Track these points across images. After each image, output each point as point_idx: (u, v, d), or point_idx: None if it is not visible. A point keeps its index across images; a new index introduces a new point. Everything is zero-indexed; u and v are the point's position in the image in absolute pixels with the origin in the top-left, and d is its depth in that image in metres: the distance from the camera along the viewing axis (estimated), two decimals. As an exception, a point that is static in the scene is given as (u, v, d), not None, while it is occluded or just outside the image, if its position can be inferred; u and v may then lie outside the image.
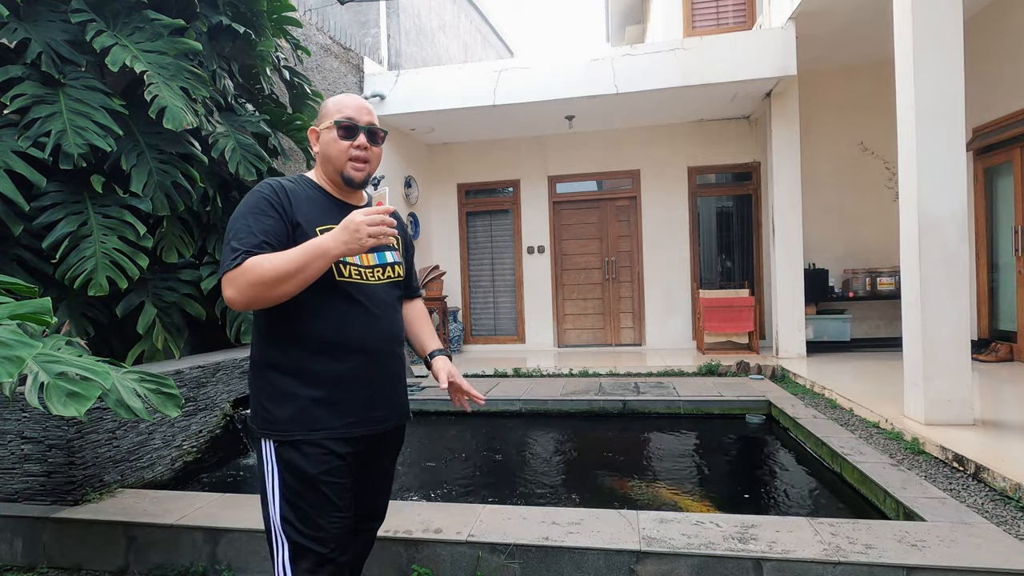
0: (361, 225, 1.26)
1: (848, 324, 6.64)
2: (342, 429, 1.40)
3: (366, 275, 1.47)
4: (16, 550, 2.54)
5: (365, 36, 8.02)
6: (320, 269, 1.28)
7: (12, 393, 2.26)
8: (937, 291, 3.44)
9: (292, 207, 1.40)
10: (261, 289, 1.26)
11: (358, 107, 1.48)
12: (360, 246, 1.27)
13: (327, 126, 1.46)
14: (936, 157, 3.43)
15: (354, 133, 1.46)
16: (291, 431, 1.38)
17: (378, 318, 1.47)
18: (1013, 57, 5.36)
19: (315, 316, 1.40)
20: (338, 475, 1.40)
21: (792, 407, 4.23)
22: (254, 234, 1.32)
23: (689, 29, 7.34)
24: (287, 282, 1.27)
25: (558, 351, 7.84)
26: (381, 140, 1.52)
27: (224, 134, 3.86)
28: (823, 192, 7.01)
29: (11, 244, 3.12)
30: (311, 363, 1.40)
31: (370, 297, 1.46)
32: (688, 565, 2.04)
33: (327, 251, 1.27)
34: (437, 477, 3.54)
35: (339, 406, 1.41)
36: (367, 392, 1.45)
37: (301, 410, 1.38)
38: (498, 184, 8.23)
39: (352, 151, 1.45)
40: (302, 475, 1.37)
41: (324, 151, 1.48)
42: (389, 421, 1.52)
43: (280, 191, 1.41)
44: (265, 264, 1.26)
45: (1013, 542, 2.08)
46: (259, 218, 1.35)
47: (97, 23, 3.36)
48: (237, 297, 1.28)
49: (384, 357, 1.49)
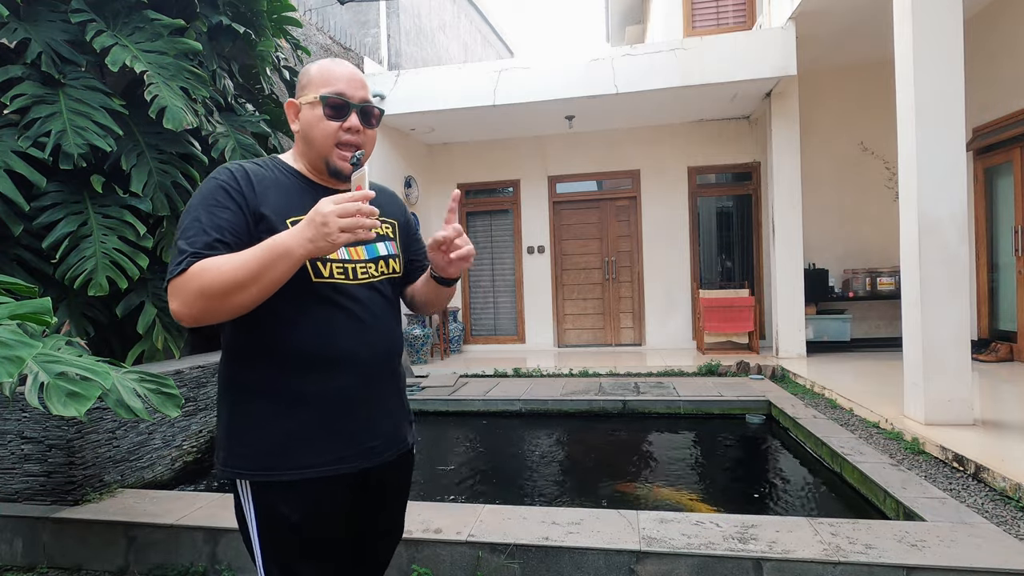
0: (330, 217, 0.98)
1: (848, 324, 6.64)
2: (332, 466, 1.14)
3: (354, 273, 1.20)
4: (16, 550, 2.54)
5: (365, 36, 8.02)
6: (284, 273, 1.03)
7: (12, 393, 2.26)
8: (937, 291, 3.44)
9: (256, 195, 1.13)
10: (211, 301, 1.02)
11: (350, 78, 1.19)
12: (330, 244, 1.00)
13: (311, 100, 1.17)
14: (936, 157, 3.43)
15: (344, 112, 1.17)
16: (268, 469, 1.12)
17: (369, 327, 1.19)
18: (1013, 57, 5.36)
19: (290, 326, 1.13)
20: (328, 520, 1.17)
21: (792, 407, 4.23)
22: (205, 231, 1.06)
23: (689, 29, 7.33)
24: (241, 291, 1.01)
25: (558, 351, 7.84)
26: (376, 121, 1.23)
27: (224, 134, 3.86)
28: (823, 192, 7.01)
29: (11, 244, 3.12)
30: (288, 384, 1.14)
31: (359, 301, 1.19)
32: (688, 565, 2.04)
33: (289, 251, 1.00)
34: (437, 477, 3.54)
35: (327, 437, 1.15)
36: (360, 418, 1.18)
37: (279, 443, 1.12)
38: (498, 184, 8.23)
39: (341, 135, 1.17)
40: (285, 522, 1.12)
41: (306, 132, 1.19)
42: (388, 451, 1.24)
43: (241, 176, 1.14)
44: (213, 270, 1.01)
45: (1013, 542, 2.08)
46: (212, 211, 1.09)
47: (97, 23, 3.36)
48: (183, 310, 1.03)
49: (378, 375, 1.21)
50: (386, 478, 1.28)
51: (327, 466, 1.14)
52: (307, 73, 1.21)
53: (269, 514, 1.13)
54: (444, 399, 5.05)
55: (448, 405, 5.03)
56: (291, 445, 1.13)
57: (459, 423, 4.80)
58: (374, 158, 6.67)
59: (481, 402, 5.00)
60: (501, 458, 3.93)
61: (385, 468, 1.25)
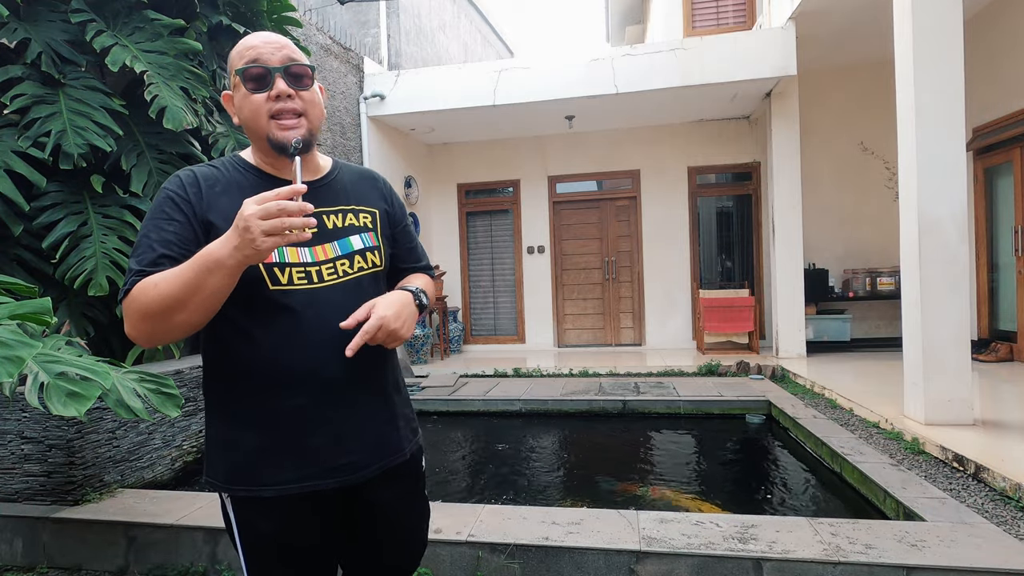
0: (251, 221, 0.88)
1: (848, 324, 6.64)
2: (297, 484, 1.07)
3: (319, 275, 1.09)
4: (16, 550, 2.54)
5: (365, 36, 8.02)
6: (220, 286, 0.93)
7: (12, 393, 2.26)
8: (937, 291, 3.44)
9: (204, 202, 1.05)
10: (155, 322, 0.95)
11: (267, 43, 1.07)
12: (256, 251, 0.89)
13: (235, 82, 1.08)
14: (936, 157, 3.43)
15: (267, 80, 1.05)
16: (237, 486, 1.09)
17: (336, 333, 1.06)
18: (1013, 57, 5.36)
19: (247, 341, 1.06)
20: (307, 537, 1.11)
21: (792, 407, 4.23)
22: (151, 247, 1.00)
23: (689, 29, 7.33)
24: (181, 309, 0.94)
25: (558, 351, 7.84)
26: (310, 80, 1.10)
27: (224, 134, 3.86)
28: (823, 192, 7.01)
29: (11, 244, 3.12)
30: (249, 401, 1.08)
31: (328, 305, 1.08)
32: (688, 565, 2.04)
33: (220, 262, 0.91)
34: (437, 477, 3.54)
35: (291, 456, 1.08)
36: (328, 435, 1.09)
37: (244, 461, 1.08)
38: (498, 184, 8.23)
39: (272, 105, 1.06)
40: (263, 536, 1.10)
41: (241, 117, 1.09)
42: (370, 467, 1.14)
43: (190, 184, 1.07)
44: (151, 290, 0.94)
45: (1013, 542, 2.08)
46: (159, 224, 1.02)
47: (97, 23, 3.36)
48: (133, 332, 0.98)
49: (350, 387, 1.11)
50: (379, 495, 1.18)
51: (293, 484, 1.07)
52: (229, 59, 1.11)
53: (247, 527, 1.11)
54: (444, 399, 5.05)
55: (448, 405, 5.03)
56: (258, 463, 1.08)
57: (459, 423, 4.80)
58: (374, 159, 6.70)
59: (481, 402, 5.00)
60: (501, 458, 3.93)
61: (375, 483, 1.16)
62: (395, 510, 1.23)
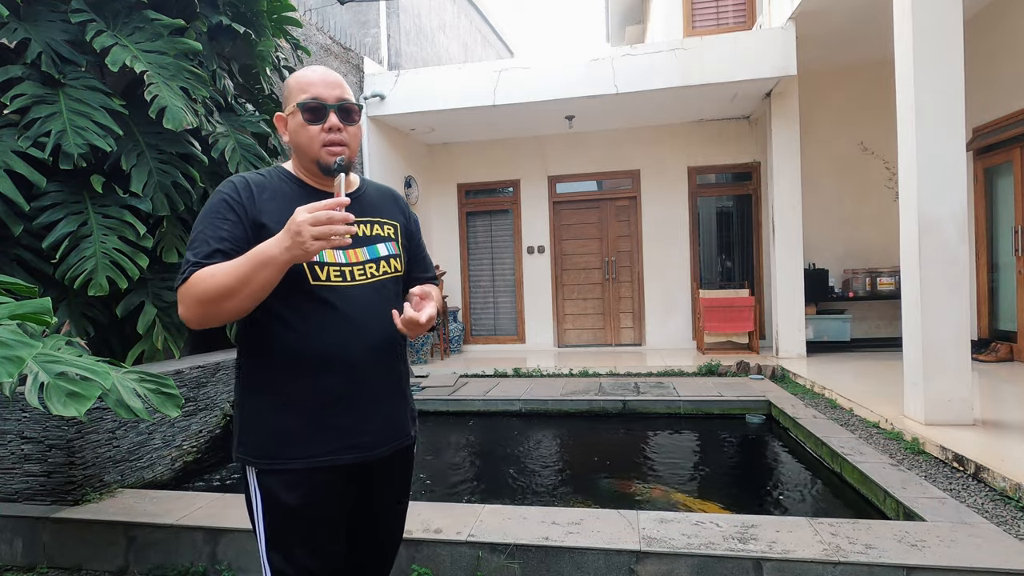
0: (303, 226, 1.04)
1: (848, 324, 6.64)
2: (325, 457, 1.22)
3: (351, 275, 1.26)
4: (16, 550, 2.54)
5: (365, 36, 8.02)
6: (269, 280, 1.09)
7: (12, 393, 2.26)
8: (937, 291, 3.44)
9: (256, 206, 1.22)
10: (208, 306, 1.10)
11: (325, 81, 1.26)
12: (305, 252, 1.06)
13: (291, 110, 1.26)
14: (936, 157, 3.43)
15: (323, 114, 1.24)
16: (267, 459, 1.22)
17: (365, 327, 1.25)
18: (1013, 57, 5.36)
19: (287, 328, 1.21)
20: (324, 507, 1.24)
21: (792, 407, 4.23)
22: (207, 241, 1.16)
23: (689, 29, 7.33)
24: (232, 297, 1.09)
25: (558, 351, 7.84)
26: (357, 117, 1.30)
27: (224, 134, 3.86)
28: (823, 192, 7.01)
29: (11, 244, 3.12)
30: (285, 382, 1.22)
31: (356, 302, 1.25)
32: (688, 565, 2.04)
33: (272, 259, 1.07)
34: (437, 477, 3.54)
35: (320, 431, 1.23)
36: (353, 414, 1.25)
37: (276, 436, 1.22)
38: (498, 184, 8.23)
39: (324, 136, 1.24)
40: (283, 507, 1.22)
41: (294, 140, 1.27)
42: (384, 446, 1.30)
43: (243, 189, 1.23)
44: (207, 278, 1.10)
45: (1013, 542, 2.08)
46: (215, 223, 1.18)
47: (97, 23, 3.36)
48: (187, 315, 1.13)
49: (373, 373, 1.27)
50: (387, 472, 1.35)
51: (319, 457, 1.22)
52: (287, 86, 1.29)
53: (270, 499, 1.23)
54: (444, 399, 5.06)
55: (448, 405, 5.03)
56: (287, 438, 1.22)
57: (459, 423, 4.80)
58: (374, 159, 6.70)
59: (481, 402, 5.00)
60: (501, 458, 3.93)
61: (384, 462, 1.32)
62: (393, 488, 1.40)
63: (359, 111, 1.31)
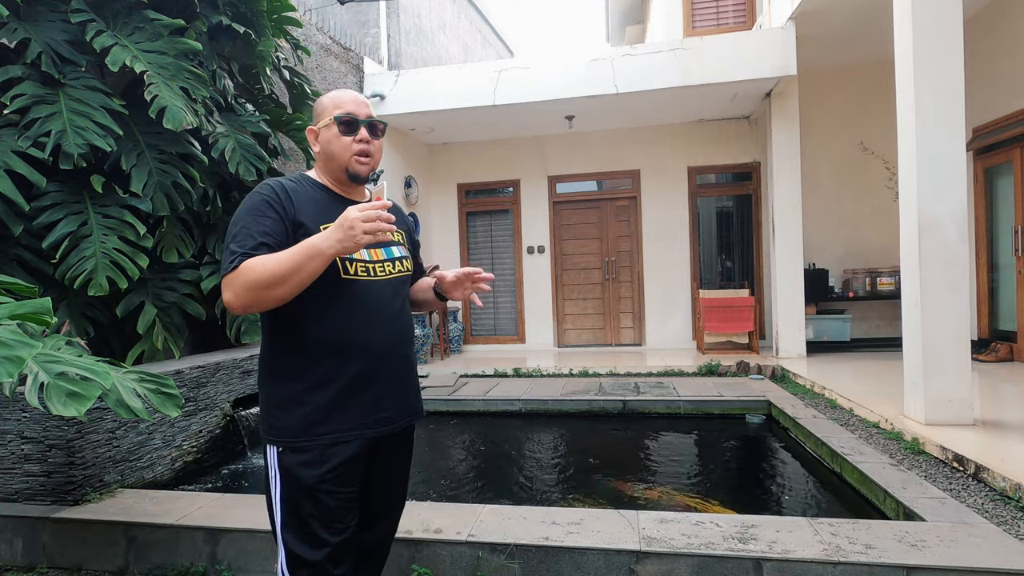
0: (356, 222, 1.21)
1: (848, 324, 6.64)
2: (350, 431, 1.38)
3: (374, 271, 1.43)
4: (16, 550, 2.54)
5: (365, 36, 8.02)
6: (316, 270, 1.24)
7: (12, 393, 2.26)
8: (937, 291, 3.44)
9: (294, 207, 1.37)
10: (257, 292, 1.23)
11: (356, 101, 1.46)
12: (355, 244, 1.22)
13: (326, 123, 1.44)
14: (936, 157, 3.43)
15: (355, 128, 1.43)
16: (295, 437, 1.35)
17: (385, 318, 1.43)
18: (1013, 57, 5.36)
19: (318, 317, 1.36)
20: (339, 484, 1.36)
21: (792, 407, 4.23)
22: (252, 236, 1.29)
23: (689, 29, 7.33)
24: (282, 284, 1.23)
25: (558, 351, 7.84)
26: (381, 132, 1.50)
27: (224, 134, 3.86)
28: (823, 192, 7.01)
29: (11, 244, 3.12)
30: (314, 367, 1.37)
31: (377, 295, 1.42)
32: (688, 565, 2.04)
33: (321, 251, 1.23)
34: (437, 477, 3.54)
35: (345, 408, 1.38)
36: (374, 393, 1.42)
37: (305, 416, 1.35)
38: (498, 184, 8.22)
39: (355, 146, 1.43)
40: (301, 484, 1.34)
41: (326, 149, 1.45)
42: (399, 421, 1.49)
43: (280, 191, 1.38)
44: (259, 267, 1.23)
45: (1013, 542, 2.08)
46: (258, 219, 1.32)
47: (97, 23, 3.36)
48: (235, 300, 1.25)
49: (391, 359, 1.45)
50: (395, 447, 1.52)
51: (347, 432, 1.37)
52: (320, 103, 1.47)
53: (289, 478, 1.35)
54: (444, 399, 5.06)
55: (448, 405, 5.03)
56: (319, 417, 1.35)
57: (459, 423, 4.80)
58: (374, 158, 6.71)
59: (481, 402, 5.00)
60: (501, 458, 3.93)
61: (395, 437, 1.50)
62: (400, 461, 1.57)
63: (383, 128, 1.50)
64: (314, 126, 1.48)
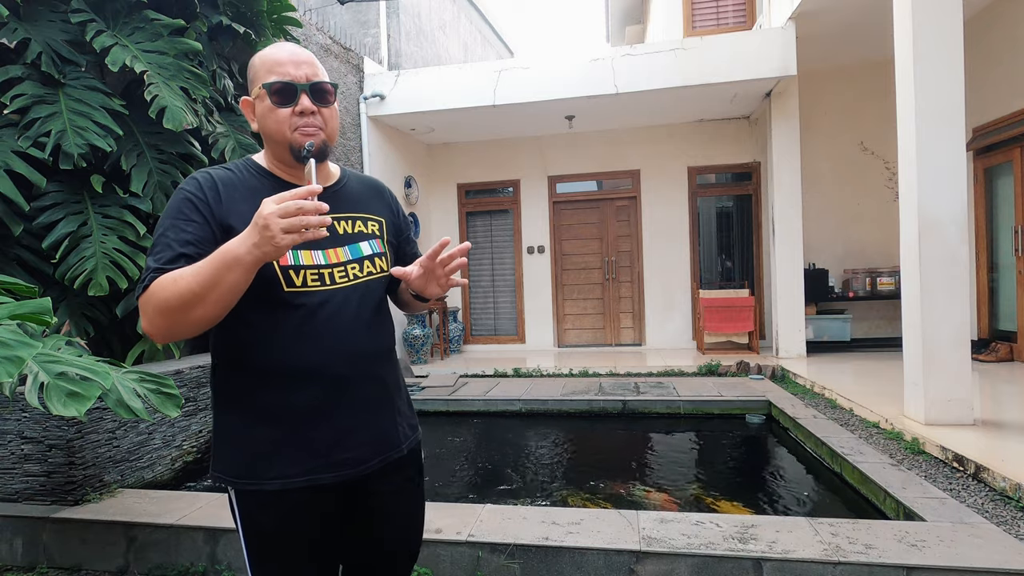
0: (271, 219, 0.91)
1: (848, 324, 6.64)
2: (302, 478, 1.10)
3: (331, 277, 1.13)
4: (16, 550, 2.54)
5: (365, 36, 8.02)
6: (238, 282, 0.96)
7: (12, 393, 2.26)
8: (937, 291, 3.44)
9: (223, 205, 1.09)
10: (172, 316, 0.98)
11: (294, 59, 1.12)
12: (275, 248, 0.92)
13: (258, 93, 1.12)
14: (936, 157, 3.43)
15: (292, 95, 1.10)
16: (243, 479, 1.11)
17: (348, 333, 1.13)
18: (1013, 57, 5.36)
19: (260, 338, 1.10)
20: (305, 530, 1.13)
21: (792, 407, 4.23)
22: (170, 246, 1.03)
23: (689, 29, 7.33)
24: (198, 304, 0.96)
25: (558, 351, 7.84)
26: (332, 97, 1.16)
27: (224, 134, 3.86)
28: (823, 192, 7.01)
29: (11, 244, 3.12)
30: (258, 397, 1.11)
31: (338, 306, 1.13)
32: (688, 565, 2.04)
33: (238, 259, 0.94)
34: (437, 477, 3.54)
35: (295, 449, 1.10)
36: (332, 429, 1.13)
37: (252, 455, 1.10)
38: (498, 184, 8.22)
39: (295, 120, 1.11)
40: (262, 529, 1.12)
41: (263, 126, 1.14)
42: (370, 461, 1.17)
43: (208, 187, 1.10)
44: (170, 286, 0.97)
45: (1013, 542, 2.08)
46: (178, 224, 1.05)
47: (97, 23, 3.36)
48: (149, 328, 1.00)
49: (357, 383, 1.15)
50: (379, 486, 1.21)
51: (297, 478, 1.10)
52: (251, 66, 1.15)
53: (249, 520, 1.13)
54: (444, 399, 5.06)
55: (448, 405, 5.03)
56: (261, 457, 1.11)
57: (459, 423, 4.80)
58: (374, 159, 6.70)
59: (481, 402, 5.00)
60: (501, 458, 3.93)
61: (375, 476, 1.19)
62: (394, 502, 1.25)
63: (334, 90, 1.17)
64: (248, 96, 1.16)
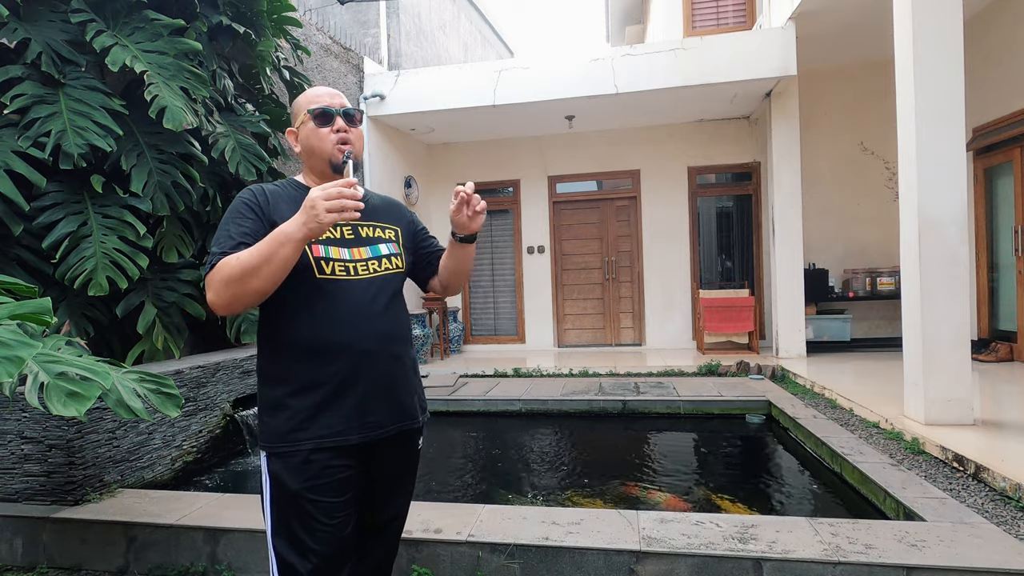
0: (317, 201, 1.18)
1: (848, 324, 6.64)
2: (333, 438, 1.34)
3: (354, 270, 1.40)
4: (16, 550, 2.54)
5: (365, 36, 8.02)
6: (288, 257, 1.22)
7: (12, 393, 2.26)
8: (937, 291, 3.44)
9: (270, 207, 1.38)
10: (234, 287, 1.23)
11: (330, 94, 1.48)
12: (319, 224, 1.18)
13: (303, 120, 1.46)
14: (936, 157, 3.43)
15: (330, 118, 1.44)
16: (279, 442, 1.34)
17: (369, 316, 1.39)
18: (1013, 57, 5.36)
19: (297, 319, 1.35)
20: (326, 491, 1.33)
21: (792, 407, 4.23)
22: (231, 237, 1.31)
23: (689, 29, 7.33)
24: (255, 275, 1.22)
25: (558, 351, 7.84)
26: (359, 121, 1.51)
27: (224, 134, 3.86)
28: (823, 192, 7.02)
29: (11, 244, 3.12)
30: (296, 370, 1.36)
31: (360, 294, 1.39)
32: (688, 565, 2.04)
33: (289, 236, 1.21)
34: (437, 477, 3.54)
35: (328, 413, 1.34)
36: (358, 396, 1.37)
37: (289, 420, 1.34)
38: (498, 184, 8.22)
39: (333, 136, 1.43)
40: (287, 489, 1.33)
41: (306, 145, 1.46)
42: (388, 427, 1.41)
43: (259, 194, 1.40)
44: (233, 262, 1.24)
45: (1013, 542, 2.08)
46: (237, 221, 1.34)
47: (97, 23, 3.36)
48: (215, 299, 1.26)
49: (377, 358, 1.39)
50: (390, 454, 1.46)
51: (327, 438, 1.33)
52: (296, 105, 1.50)
53: (276, 485, 1.34)
54: (444, 399, 5.05)
55: (448, 405, 5.03)
56: (299, 422, 1.33)
57: (459, 423, 4.80)
58: (374, 159, 6.71)
59: (481, 402, 5.00)
60: (501, 458, 3.93)
61: (389, 443, 1.44)
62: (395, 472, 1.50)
63: (360, 115, 1.50)
64: (293, 127, 1.50)
